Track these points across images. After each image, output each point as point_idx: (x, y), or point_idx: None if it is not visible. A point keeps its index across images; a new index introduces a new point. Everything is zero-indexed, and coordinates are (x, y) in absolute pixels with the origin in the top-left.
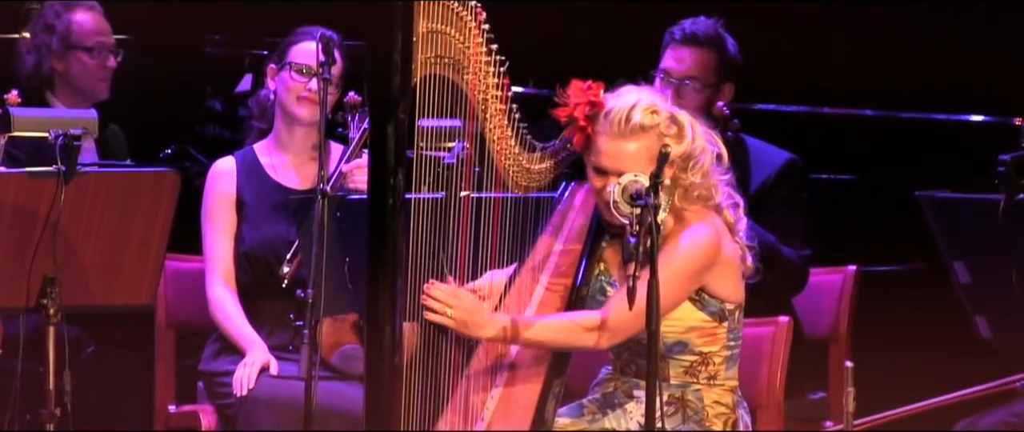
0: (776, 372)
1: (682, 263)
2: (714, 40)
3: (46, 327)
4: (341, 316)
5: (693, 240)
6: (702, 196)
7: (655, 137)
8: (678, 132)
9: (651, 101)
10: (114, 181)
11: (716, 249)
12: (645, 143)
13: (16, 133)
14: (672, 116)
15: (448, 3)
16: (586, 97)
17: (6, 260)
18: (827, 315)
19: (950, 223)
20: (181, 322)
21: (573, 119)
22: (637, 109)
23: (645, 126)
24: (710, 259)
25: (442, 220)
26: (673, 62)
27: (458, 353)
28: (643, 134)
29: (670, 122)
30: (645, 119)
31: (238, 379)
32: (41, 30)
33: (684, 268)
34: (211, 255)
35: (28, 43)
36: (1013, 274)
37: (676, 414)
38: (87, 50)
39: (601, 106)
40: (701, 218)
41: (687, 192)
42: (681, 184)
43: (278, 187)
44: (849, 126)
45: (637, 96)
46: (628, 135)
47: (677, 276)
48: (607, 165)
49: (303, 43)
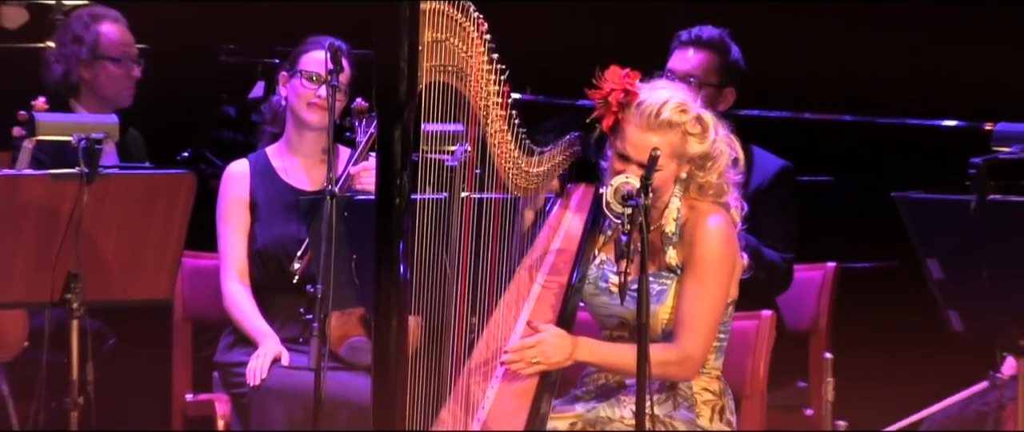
0: (759, 363)
1: (719, 268)
2: (717, 44)
3: (69, 321)
4: (349, 310)
5: (716, 242)
6: (715, 193)
7: (680, 134)
8: (702, 132)
9: (682, 99)
10: (134, 182)
11: (733, 236)
12: (669, 138)
13: (42, 137)
14: (699, 116)
15: (452, 14)
16: (623, 84)
17: (32, 257)
18: (808, 310)
19: (924, 222)
20: (197, 316)
21: (607, 102)
22: (668, 106)
23: (673, 123)
24: (733, 247)
25: (445, 219)
26: (677, 62)
27: (460, 346)
28: (669, 130)
29: (696, 121)
30: (674, 116)
31: (251, 370)
32: (69, 41)
33: (721, 272)
34: (226, 252)
35: (55, 53)
36: (983, 271)
37: (667, 401)
38: (114, 60)
39: (635, 95)
40: (714, 210)
41: (702, 188)
42: (697, 180)
43: (289, 188)
44: (829, 131)
45: (670, 93)
46: (656, 128)
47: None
48: (631, 153)
49: (313, 52)
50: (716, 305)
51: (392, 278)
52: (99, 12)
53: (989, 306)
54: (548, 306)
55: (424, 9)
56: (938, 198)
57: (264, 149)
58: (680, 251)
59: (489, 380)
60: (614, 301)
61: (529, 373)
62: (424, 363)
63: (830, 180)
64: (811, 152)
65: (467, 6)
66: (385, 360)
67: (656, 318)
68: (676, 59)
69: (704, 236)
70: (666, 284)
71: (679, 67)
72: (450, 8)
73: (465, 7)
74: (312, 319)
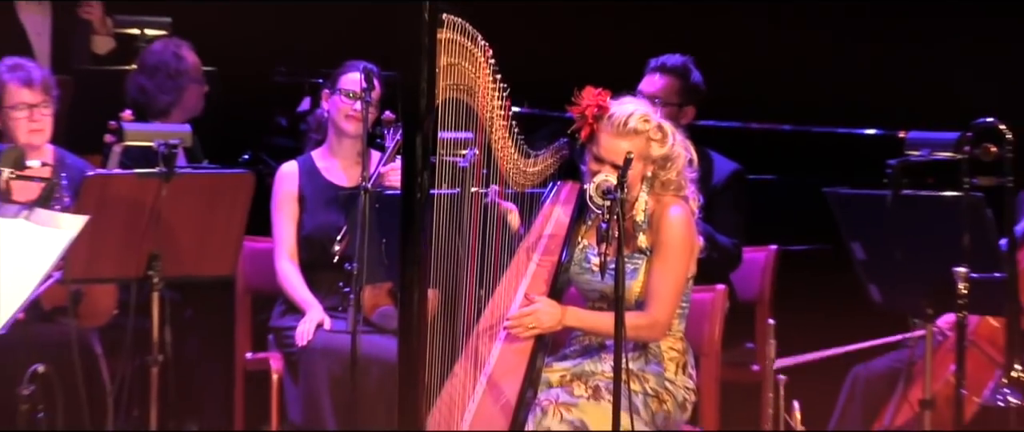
0: (715, 328)
1: (680, 248)
2: (680, 70)
3: (151, 293)
4: (379, 284)
5: (677, 226)
6: (675, 188)
7: (644, 139)
8: (663, 137)
9: (645, 111)
10: (204, 180)
11: (691, 222)
12: (636, 143)
13: (129, 143)
14: (659, 125)
15: (463, 42)
16: (596, 100)
17: (120, 241)
18: (754, 284)
19: (850, 213)
20: (255, 289)
21: (583, 116)
22: (634, 117)
23: (638, 130)
24: (691, 231)
25: (457, 210)
26: (646, 84)
27: (470, 314)
28: (635, 136)
29: (657, 129)
30: (639, 125)
31: (300, 333)
32: (158, 64)
33: (682, 251)
34: (279, 237)
35: (150, 81)
36: (897, 253)
37: (640, 358)
38: (195, 81)
39: (606, 109)
40: (675, 202)
41: (664, 184)
42: (660, 178)
43: (331, 185)
44: (773, 138)
45: (635, 106)
46: (625, 135)
47: (681, 261)
48: (605, 156)
49: (350, 73)
50: (679, 279)
51: (415, 258)
52: (179, 42)
53: (902, 281)
54: (542, 281)
55: (441, 38)
56: (861, 193)
57: (310, 153)
58: (648, 236)
59: (494, 341)
60: (596, 278)
61: (526, 336)
62: (441, 328)
63: (774, 179)
64: (759, 156)
65: (476, 35)
66: (409, 325)
67: (630, 291)
68: (645, 82)
69: (667, 224)
70: (638, 264)
71: (647, 89)
72: (462, 37)
73: (474, 36)
74: (349, 291)
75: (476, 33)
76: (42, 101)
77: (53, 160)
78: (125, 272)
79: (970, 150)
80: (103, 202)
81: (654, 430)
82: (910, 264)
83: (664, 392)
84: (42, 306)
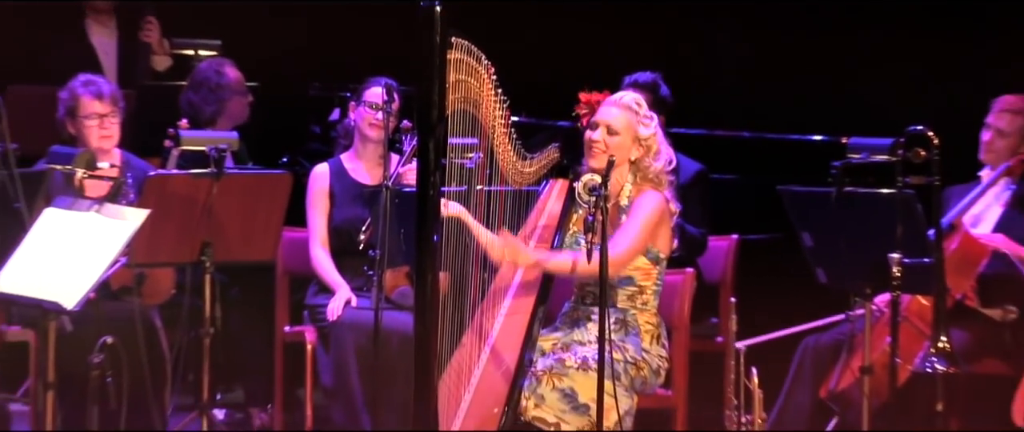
0: (685, 305)
1: (650, 213)
2: (650, 85)
3: (204, 275)
4: (398, 268)
5: (651, 202)
6: (655, 181)
7: (634, 115)
8: (649, 121)
9: (638, 98)
10: (248, 180)
11: (664, 209)
12: (627, 116)
13: (185, 147)
14: (650, 115)
15: (470, 62)
16: (596, 98)
17: (177, 230)
18: (718, 268)
19: (800, 207)
20: (292, 272)
21: (589, 106)
22: (628, 96)
23: (630, 107)
24: (661, 214)
25: (465, 205)
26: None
27: (476, 293)
28: (627, 110)
29: (647, 115)
30: (631, 103)
31: (330, 309)
32: (211, 83)
33: (651, 216)
34: (312, 228)
35: (194, 90)
36: (840, 241)
37: (620, 329)
38: (238, 93)
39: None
40: (653, 189)
41: (645, 175)
42: (642, 167)
43: (356, 183)
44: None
45: (633, 94)
46: (619, 106)
47: (648, 222)
48: (598, 120)
49: (373, 88)
50: (637, 236)
51: (428, 245)
52: (222, 61)
53: (844, 265)
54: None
55: (450, 58)
56: (809, 190)
57: (339, 156)
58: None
59: (496, 317)
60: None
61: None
62: (451, 305)
63: (735, 178)
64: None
65: (480, 56)
66: (423, 303)
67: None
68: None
69: (639, 199)
70: None
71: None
72: (468, 58)
73: (479, 56)
74: (372, 274)
75: (481, 54)
76: (111, 111)
77: (120, 162)
78: (181, 257)
79: (903, 153)
80: (163, 198)
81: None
82: (851, 251)
83: (641, 361)
84: (111, 286)
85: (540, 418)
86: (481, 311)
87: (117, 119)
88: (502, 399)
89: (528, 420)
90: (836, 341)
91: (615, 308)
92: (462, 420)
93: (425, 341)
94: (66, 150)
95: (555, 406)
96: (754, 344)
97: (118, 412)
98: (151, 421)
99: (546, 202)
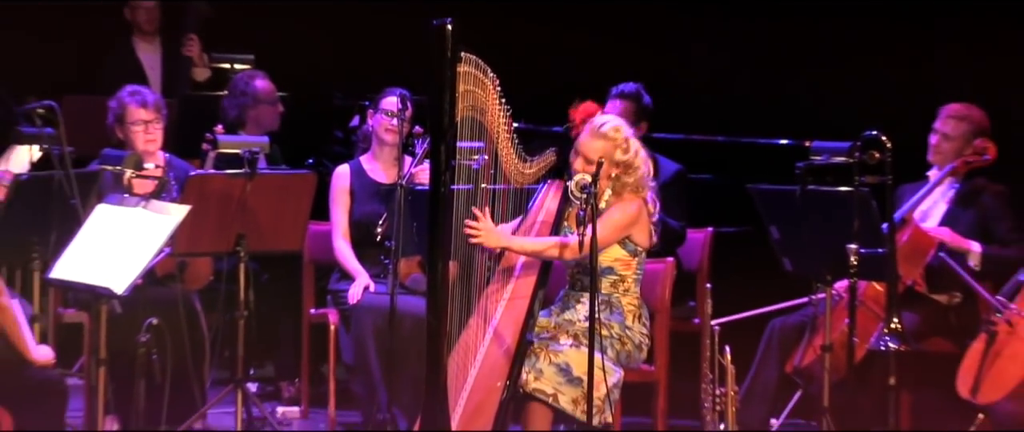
0: (666, 290)
1: (619, 218)
2: (633, 95)
3: (238, 264)
4: (411, 257)
5: (625, 208)
6: (634, 189)
7: (612, 145)
8: (627, 147)
9: (618, 124)
10: (278, 179)
11: (638, 214)
12: (605, 145)
13: (221, 150)
14: (627, 138)
15: (477, 74)
16: (589, 111)
17: (215, 224)
18: (695, 256)
19: (768, 203)
20: (317, 260)
21: (585, 119)
22: (607, 126)
23: (607, 136)
24: (633, 219)
25: (471, 202)
26: (609, 107)
27: (481, 279)
28: (604, 140)
29: (624, 141)
30: (609, 132)
31: (351, 294)
32: (237, 93)
33: (620, 220)
34: (335, 222)
35: (229, 99)
36: (804, 233)
37: (606, 310)
38: (268, 103)
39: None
40: (631, 199)
41: (623, 186)
42: (622, 180)
43: (374, 182)
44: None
45: (612, 120)
46: (598, 137)
47: (616, 225)
48: (581, 150)
49: (389, 97)
50: (611, 230)
51: (438, 238)
52: (254, 73)
53: (808, 255)
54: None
55: (459, 71)
56: (776, 188)
57: (358, 158)
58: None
59: (500, 301)
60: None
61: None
62: (459, 291)
63: (711, 178)
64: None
65: (486, 69)
66: (434, 288)
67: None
68: (609, 106)
69: (615, 206)
70: None
71: (610, 110)
72: (475, 71)
73: (485, 69)
74: (388, 263)
75: (487, 67)
76: (154, 118)
77: (164, 163)
78: (218, 247)
79: (859, 155)
80: (202, 195)
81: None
82: (814, 242)
83: (625, 336)
84: (156, 274)
85: (539, 389)
86: (486, 296)
87: (160, 125)
88: (504, 374)
89: (529, 391)
90: (800, 322)
91: (601, 293)
92: (469, 393)
93: (435, 323)
94: (116, 153)
95: (552, 379)
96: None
97: (162, 386)
98: (192, 393)
99: (544, 201)
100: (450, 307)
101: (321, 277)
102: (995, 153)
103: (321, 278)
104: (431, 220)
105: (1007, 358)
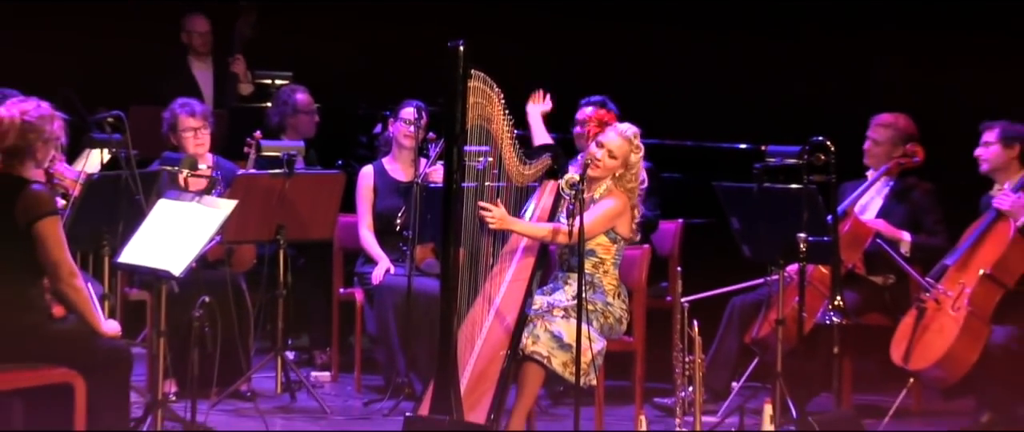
0: (642, 272)
1: (607, 210)
2: (600, 104)
3: (278, 250)
4: (426, 244)
5: (614, 203)
6: (626, 190)
7: (629, 144)
8: (639, 153)
9: (637, 132)
10: (312, 178)
11: (623, 209)
12: (625, 145)
13: (264, 153)
14: (640, 147)
15: (484, 89)
16: (604, 119)
17: (258, 215)
18: (668, 244)
19: (729, 198)
20: (346, 247)
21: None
22: (631, 131)
23: (629, 139)
24: (619, 212)
25: (478, 197)
26: (579, 114)
27: (487, 265)
28: (626, 141)
29: (639, 147)
30: (632, 137)
31: (375, 276)
32: (280, 103)
33: (608, 212)
34: (360, 214)
35: (272, 110)
36: (761, 224)
37: (589, 288)
38: (305, 113)
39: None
40: (620, 195)
41: (622, 182)
42: (623, 178)
43: (394, 181)
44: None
45: (636, 129)
46: (622, 136)
47: (605, 215)
48: (604, 141)
49: (407, 108)
50: (599, 219)
51: (450, 227)
52: (294, 87)
53: (764, 243)
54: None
55: (470, 86)
56: (737, 186)
57: (381, 159)
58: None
59: (502, 284)
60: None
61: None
62: (467, 274)
63: (680, 176)
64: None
65: (493, 84)
66: (446, 272)
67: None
68: (579, 113)
69: (604, 200)
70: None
71: (580, 117)
72: (483, 85)
73: (491, 85)
74: (406, 249)
75: (493, 82)
76: (202, 126)
77: (213, 164)
78: (261, 236)
79: (808, 158)
80: (247, 191)
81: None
82: (769, 232)
83: (607, 310)
84: (208, 258)
85: (536, 352)
86: (491, 277)
87: (208, 131)
88: (506, 344)
89: (528, 353)
90: (757, 300)
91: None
92: (475, 360)
93: (447, 301)
94: (174, 155)
95: (547, 343)
96: (695, 302)
97: (213, 354)
98: (238, 360)
99: (540, 198)
100: (459, 287)
101: (349, 261)
102: (924, 156)
103: (349, 262)
104: (444, 213)
105: (934, 331)
